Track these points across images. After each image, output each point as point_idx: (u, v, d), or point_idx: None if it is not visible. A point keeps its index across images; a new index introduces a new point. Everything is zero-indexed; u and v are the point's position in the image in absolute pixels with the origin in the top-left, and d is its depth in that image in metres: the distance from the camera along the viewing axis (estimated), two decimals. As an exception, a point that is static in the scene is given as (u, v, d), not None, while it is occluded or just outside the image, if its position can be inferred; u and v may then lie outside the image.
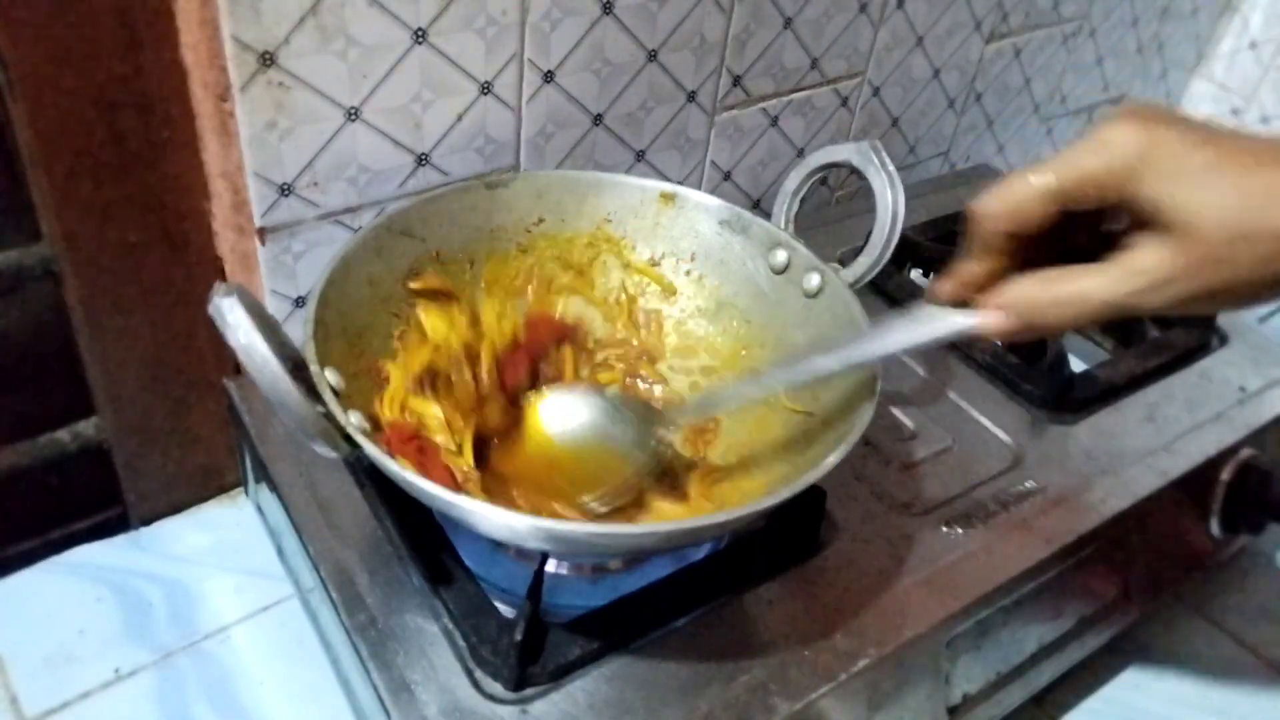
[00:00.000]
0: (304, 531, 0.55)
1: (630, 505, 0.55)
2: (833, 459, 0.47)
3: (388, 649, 0.49)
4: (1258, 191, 0.38)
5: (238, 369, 0.65)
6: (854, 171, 0.60)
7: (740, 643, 0.52)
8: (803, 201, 0.64)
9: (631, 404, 0.60)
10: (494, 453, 0.57)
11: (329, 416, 0.46)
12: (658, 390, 0.64)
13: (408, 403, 0.55)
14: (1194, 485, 0.67)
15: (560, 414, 0.59)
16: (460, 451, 0.55)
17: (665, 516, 0.55)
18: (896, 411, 0.67)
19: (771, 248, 0.62)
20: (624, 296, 0.66)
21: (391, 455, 0.47)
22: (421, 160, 0.63)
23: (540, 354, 0.62)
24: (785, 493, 0.45)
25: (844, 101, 0.85)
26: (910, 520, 0.60)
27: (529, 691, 0.48)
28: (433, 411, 0.55)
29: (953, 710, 0.58)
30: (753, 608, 0.53)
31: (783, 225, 0.63)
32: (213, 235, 0.59)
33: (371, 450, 0.45)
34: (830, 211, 0.91)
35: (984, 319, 0.44)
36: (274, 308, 0.62)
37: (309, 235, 0.61)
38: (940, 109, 0.96)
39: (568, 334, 0.63)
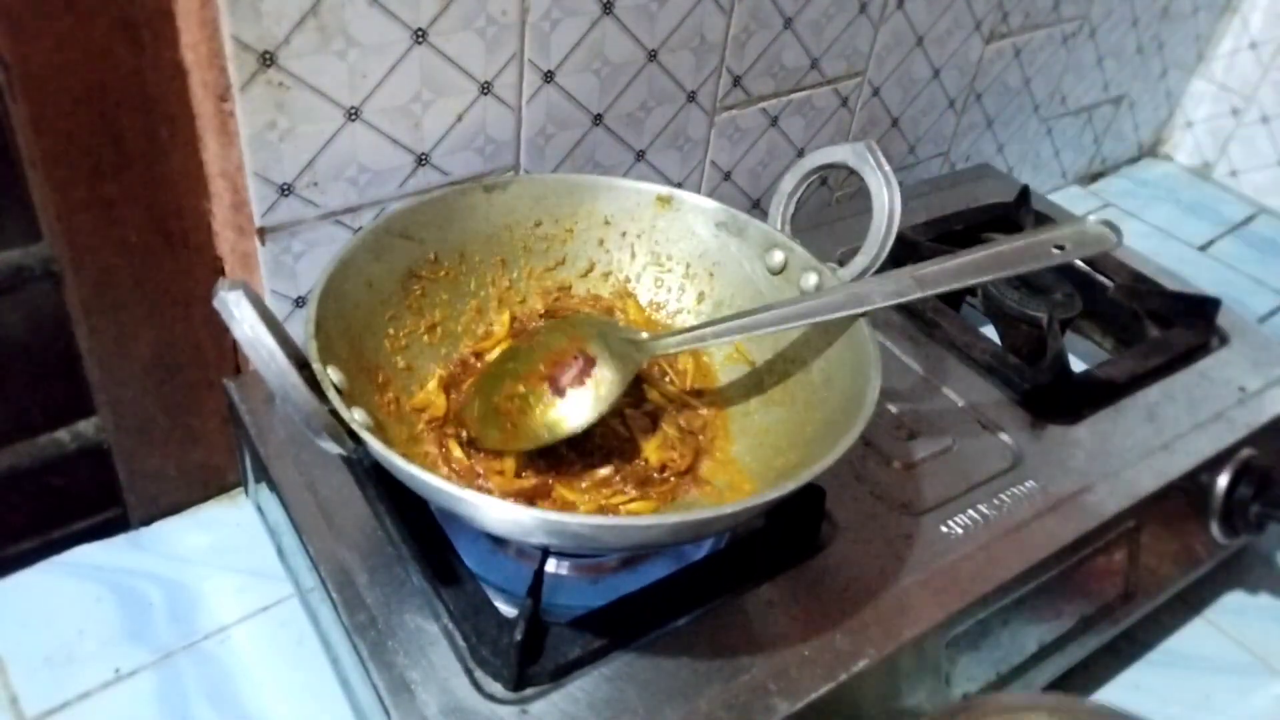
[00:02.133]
0: (304, 531, 0.55)
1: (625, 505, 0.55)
2: (833, 456, 0.47)
3: (388, 649, 0.49)
4: None
5: (238, 369, 0.65)
6: (852, 172, 0.60)
7: (740, 643, 0.52)
8: (801, 203, 0.64)
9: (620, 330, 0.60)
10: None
11: (334, 414, 0.46)
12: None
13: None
14: (1194, 485, 0.67)
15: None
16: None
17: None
18: (896, 411, 0.67)
19: (768, 249, 0.62)
20: (621, 295, 0.66)
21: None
22: (421, 160, 0.63)
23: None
24: (789, 486, 0.45)
25: (844, 101, 0.85)
26: (910, 520, 0.60)
27: (529, 691, 0.48)
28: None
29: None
30: (753, 608, 0.53)
31: (779, 226, 0.63)
32: (213, 235, 0.59)
33: (376, 446, 0.45)
34: (830, 212, 0.91)
35: None
36: (274, 308, 0.62)
37: (309, 235, 0.61)
38: (940, 109, 0.96)
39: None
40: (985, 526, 0.60)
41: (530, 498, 0.55)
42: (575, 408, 0.55)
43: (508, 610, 0.51)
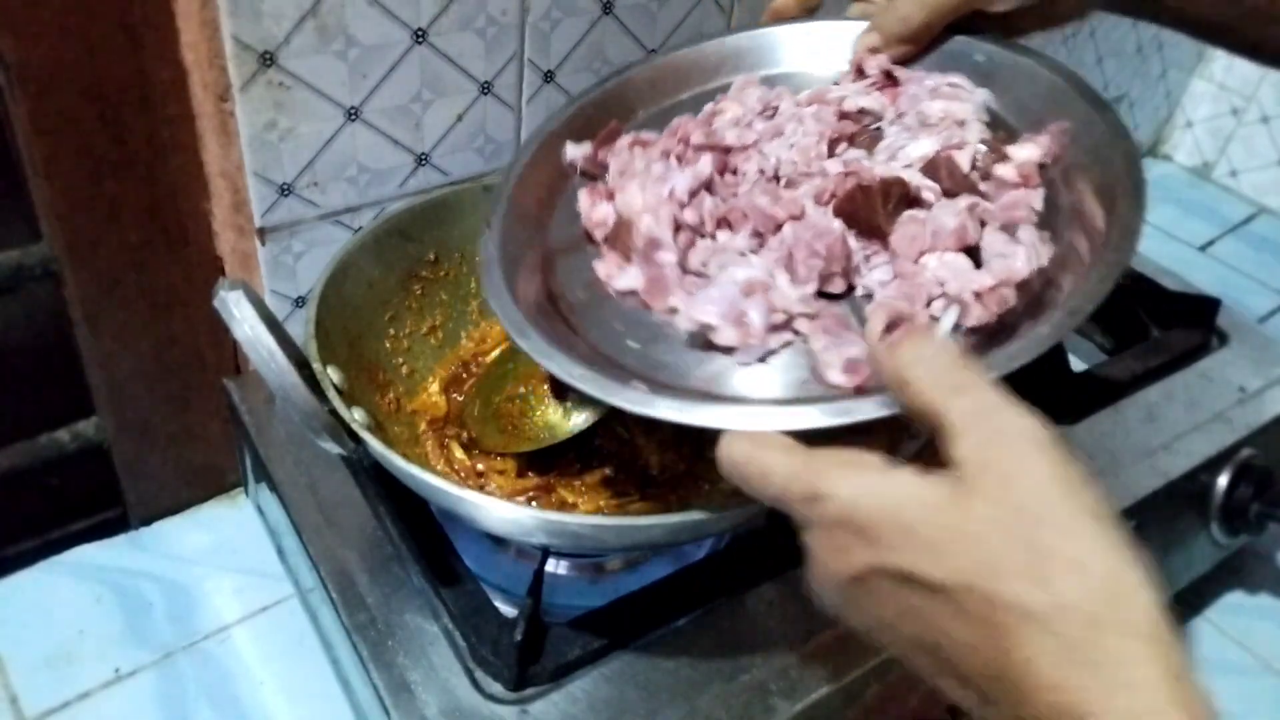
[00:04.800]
0: (304, 531, 0.55)
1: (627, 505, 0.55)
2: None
3: (388, 649, 0.49)
4: None
5: (238, 369, 0.65)
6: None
7: (740, 643, 0.52)
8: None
9: None
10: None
11: (334, 414, 0.46)
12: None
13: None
14: (1194, 485, 0.67)
15: None
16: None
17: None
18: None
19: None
20: None
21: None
22: (421, 160, 0.63)
23: None
24: None
25: (844, 102, 0.85)
26: (910, 520, 0.59)
27: (529, 691, 0.48)
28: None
29: (953, 709, 0.58)
30: (753, 608, 0.53)
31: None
32: (213, 235, 0.59)
33: (376, 446, 0.45)
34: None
35: None
36: (274, 308, 0.62)
37: (309, 235, 0.61)
38: (940, 109, 0.95)
39: None
40: (985, 526, 0.59)
41: (531, 498, 0.55)
42: (575, 409, 0.55)
43: (508, 610, 0.51)
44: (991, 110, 0.45)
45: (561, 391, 0.55)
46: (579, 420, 0.54)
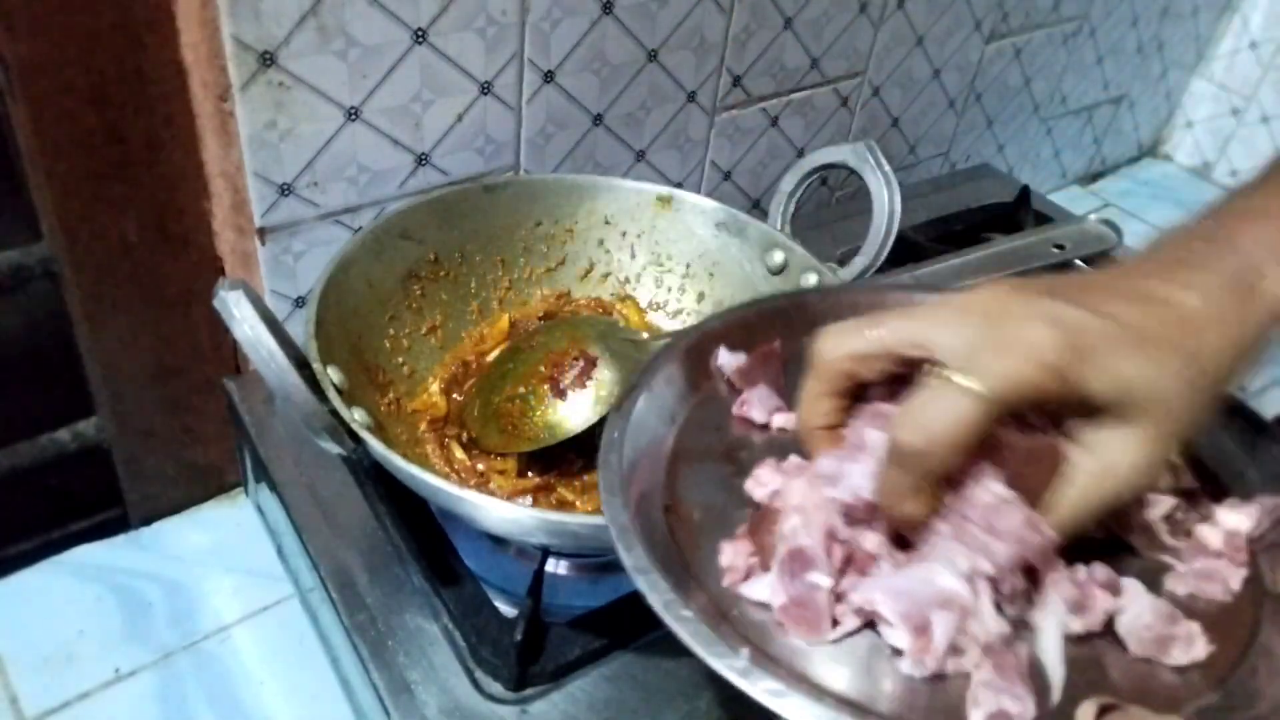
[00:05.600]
0: (304, 531, 0.55)
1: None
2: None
3: (388, 649, 0.49)
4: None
5: (238, 369, 0.65)
6: (852, 172, 0.60)
7: (740, 643, 0.51)
8: (800, 203, 0.64)
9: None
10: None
11: (334, 413, 0.46)
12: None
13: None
14: (1194, 485, 0.67)
15: None
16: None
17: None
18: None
19: (768, 249, 0.62)
20: (621, 298, 0.66)
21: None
22: (421, 160, 0.63)
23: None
24: None
25: (844, 101, 0.85)
26: (910, 520, 0.59)
27: (529, 691, 0.48)
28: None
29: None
30: (752, 608, 0.53)
31: (779, 226, 0.63)
32: (213, 235, 0.59)
33: (376, 446, 0.45)
34: (830, 211, 0.91)
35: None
36: (274, 308, 0.62)
37: (309, 235, 0.61)
38: (940, 109, 0.96)
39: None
40: (985, 526, 0.59)
41: (531, 498, 0.55)
42: (576, 409, 0.55)
43: (508, 610, 0.51)
44: (1198, 455, 0.40)
45: (562, 390, 0.55)
46: (579, 421, 0.54)
